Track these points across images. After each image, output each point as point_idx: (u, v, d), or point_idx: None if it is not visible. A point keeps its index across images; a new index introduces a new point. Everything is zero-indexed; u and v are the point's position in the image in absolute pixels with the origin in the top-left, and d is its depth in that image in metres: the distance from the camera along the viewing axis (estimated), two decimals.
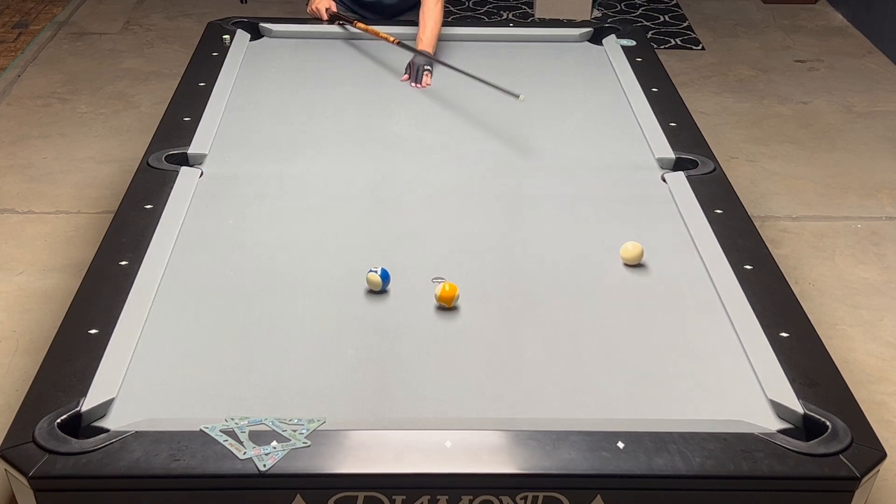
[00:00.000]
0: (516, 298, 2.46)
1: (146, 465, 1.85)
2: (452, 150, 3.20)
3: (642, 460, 1.89)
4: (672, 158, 3.09)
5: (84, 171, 4.54)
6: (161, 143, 3.10)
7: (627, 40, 3.99)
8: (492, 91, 3.36)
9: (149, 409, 2.02)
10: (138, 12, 6.50)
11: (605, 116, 3.45)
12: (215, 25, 4.06)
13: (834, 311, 3.67)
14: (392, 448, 1.92)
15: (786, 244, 4.08)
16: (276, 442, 1.91)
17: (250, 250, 2.63)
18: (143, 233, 2.61)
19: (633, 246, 2.56)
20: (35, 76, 5.52)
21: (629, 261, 2.56)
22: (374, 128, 3.34)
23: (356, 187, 2.95)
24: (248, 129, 3.28)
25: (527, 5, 6.71)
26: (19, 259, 3.87)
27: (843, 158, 3.91)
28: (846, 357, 3.35)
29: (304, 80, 3.68)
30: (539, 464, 1.89)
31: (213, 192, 2.89)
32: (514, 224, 2.79)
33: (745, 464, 1.89)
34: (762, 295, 2.42)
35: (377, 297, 2.42)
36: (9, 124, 4.97)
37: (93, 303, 2.33)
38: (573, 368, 2.21)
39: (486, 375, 2.18)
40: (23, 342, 3.39)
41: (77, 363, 2.12)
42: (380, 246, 2.65)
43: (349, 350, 2.25)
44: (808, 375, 2.14)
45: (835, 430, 1.96)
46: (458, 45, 4.01)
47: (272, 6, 6.58)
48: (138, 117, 5.06)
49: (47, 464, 1.85)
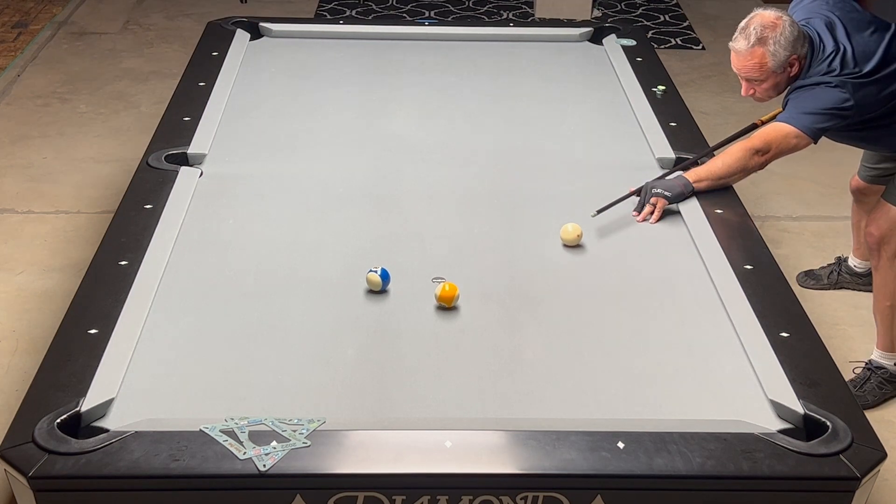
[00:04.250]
0: (516, 298, 2.46)
1: (146, 465, 1.85)
2: (452, 150, 3.20)
3: (642, 460, 1.89)
4: (672, 158, 3.08)
5: (84, 170, 4.54)
6: (161, 142, 3.10)
7: (627, 40, 3.99)
8: (492, 91, 3.35)
9: (149, 409, 2.02)
10: (138, 12, 6.49)
11: (605, 116, 3.45)
12: (215, 25, 4.06)
13: (834, 311, 3.67)
14: (392, 448, 1.92)
15: (786, 244, 4.08)
16: (276, 442, 1.91)
17: (250, 250, 2.62)
18: (143, 233, 2.61)
19: (573, 227, 2.64)
20: (35, 76, 5.52)
21: (568, 242, 2.65)
22: (374, 128, 3.34)
23: (356, 187, 2.95)
24: (248, 129, 3.28)
25: (527, 5, 6.70)
26: (19, 259, 3.86)
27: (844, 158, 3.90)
28: (846, 357, 3.35)
29: (303, 80, 3.67)
30: (539, 464, 1.89)
31: (213, 192, 2.89)
32: (514, 224, 2.79)
33: (746, 464, 1.89)
34: (762, 295, 2.42)
35: (377, 297, 2.42)
36: (8, 124, 4.96)
37: (92, 303, 2.33)
38: (573, 368, 2.21)
39: (486, 375, 2.18)
40: (23, 342, 3.39)
41: (77, 363, 2.12)
42: (380, 246, 2.64)
43: (349, 350, 2.25)
44: (808, 375, 2.14)
45: (835, 430, 1.96)
46: (459, 45, 4.00)
47: (272, 6, 6.57)
48: (138, 117, 5.05)
49: (47, 464, 1.84)
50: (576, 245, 2.65)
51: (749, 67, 2.84)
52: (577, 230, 2.65)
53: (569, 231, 2.65)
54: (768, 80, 2.85)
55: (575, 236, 2.65)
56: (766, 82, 2.86)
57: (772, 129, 2.87)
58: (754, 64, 2.82)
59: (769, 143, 2.84)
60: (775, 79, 2.85)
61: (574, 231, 2.65)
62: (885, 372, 3.20)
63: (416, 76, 3.72)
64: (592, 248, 2.67)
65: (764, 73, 2.83)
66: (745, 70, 2.86)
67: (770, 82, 2.87)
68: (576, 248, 2.66)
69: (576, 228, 2.65)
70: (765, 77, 2.84)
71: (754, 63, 2.82)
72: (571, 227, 2.66)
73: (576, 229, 2.65)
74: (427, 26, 4.40)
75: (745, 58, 2.84)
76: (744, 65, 2.85)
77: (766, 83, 2.86)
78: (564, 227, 2.66)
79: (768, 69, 2.82)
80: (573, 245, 2.65)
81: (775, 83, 2.87)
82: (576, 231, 2.65)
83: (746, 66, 2.84)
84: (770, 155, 2.86)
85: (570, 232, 2.65)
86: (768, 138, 2.85)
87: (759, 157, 2.85)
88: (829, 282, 3.78)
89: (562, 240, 2.66)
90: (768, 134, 2.86)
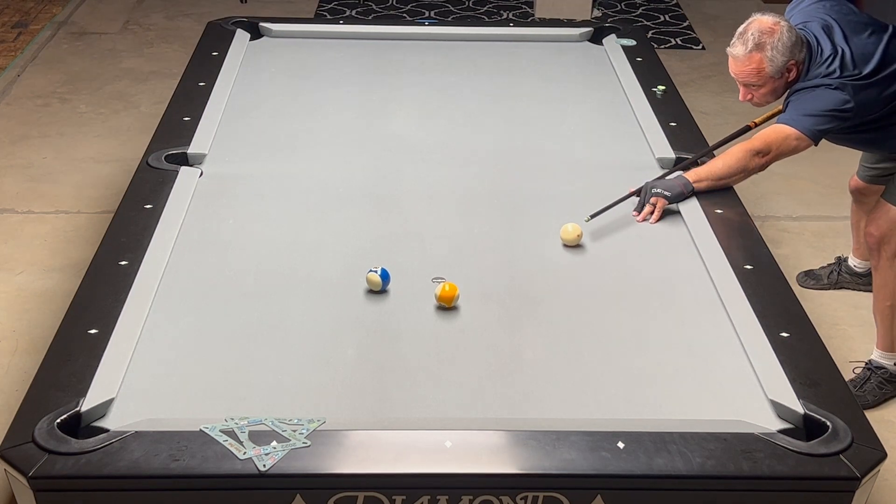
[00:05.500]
0: (516, 298, 2.46)
1: (146, 465, 1.85)
2: (452, 150, 3.20)
3: (642, 460, 1.89)
4: (672, 158, 3.08)
5: (84, 170, 4.53)
6: (161, 142, 3.10)
7: (627, 40, 3.99)
8: (492, 91, 3.34)
9: (149, 409, 2.02)
10: (138, 12, 6.49)
11: (605, 116, 3.45)
12: (215, 25, 4.06)
13: (834, 311, 3.67)
14: (392, 448, 1.92)
15: (786, 244, 4.08)
16: (276, 442, 1.91)
17: (250, 250, 2.62)
18: (143, 233, 2.61)
19: (573, 227, 2.65)
20: (35, 76, 5.52)
21: (568, 242, 2.65)
22: (374, 128, 3.34)
23: (356, 187, 2.95)
24: (248, 129, 3.28)
25: (527, 5, 6.70)
26: (19, 259, 3.86)
27: (843, 158, 3.90)
28: (846, 357, 3.35)
29: (303, 80, 3.67)
30: (539, 464, 1.89)
31: (213, 191, 2.89)
32: (514, 224, 2.79)
33: (746, 464, 1.89)
34: (762, 295, 2.42)
35: (377, 297, 2.42)
36: (8, 124, 4.96)
37: (92, 303, 2.33)
38: (573, 368, 2.21)
39: (486, 375, 2.18)
40: (23, 342, 3.39)
41: (77, 363, 2.12)
42: (380, 246, 2.64)
43: (349, 350, 2.25)
44: (808, 375, 2.14)
45: (835, 430, 1.96)
46: (459, 45, 4.00)
47: (272, 6, 6.57)
48: (138, 117, 5.05)
49: (47, 464, 1.84)
50: (576, 245, 2.65)
51: (746, 73, 2.84)
52: (577, 230, 2.65)
53: (569, 231, 2.65)
54: (766, 85, 2.86)
55: (575, 236, 2.65)
56: (763, 87, 2.86)
57: (772, 130, 2.87)
58: (752, 69, 2.83)
59: (769, 144, 2.84)
60: (773, 84, 2.85)
61: (574, 231, 2.65)
62: (885, 372, 3.20)
63: (416, 76, 3.72)
64: (592, 248, 2.67)
65: (761, 78, 2.84)
66: (742, 75, 2.86)
67: (768, 87, 2.87)
68: (576, 248, 2.66)
69: (576, 228, 2.65)
70: (762, 82, 2.85)
71: (752, 69, 2.82)
72: (571, 227, 2.66)
73: (576, 229, 2.65)
74: (427, 26, 4.40)
75: (742, 63, 2.84)
76: (741, 70, 2.85)
77: (763, 88, 2.87)
78: (564, 227, 2.66)
79: (766, 75, 2.82)
80: (573, 245, 2.65)
81: (773, 88, 2.87)
82: (576, 231, 2.65)
83: (744, 72, 2.85)
84: (770, 156, 2.86)
85: (570, 232, 2.65)
86: (769, 140, 2.85)
87: (759, 159, 2.85)
88: (829, 282, 3.78)
89: (562, 240, 2.66)
90: (769, 135, 2.86)
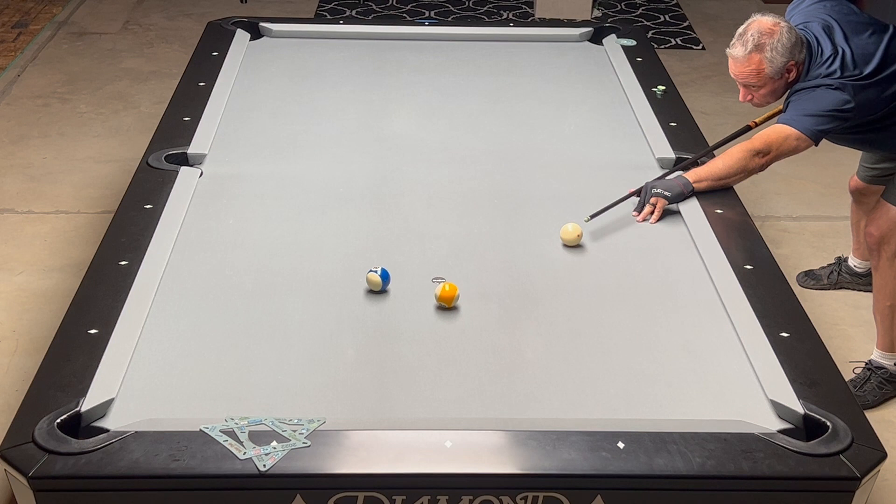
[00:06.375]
0: (516, 298, 2.45)
1: (146, 466, 1.85)
2: (452, 150, 3.20)
3: (642, 460, 1.89)
4: (672, 158, 3.08)
5: (84, 170, 4.53)
6: (161, 142, 3.10)
7: (627, 40, 3.99)
8: (492, 91, 3.34)
9: (149, 409, 2.02)
10: (138, 12, 6.49)
11: (605, 116, 3.45)
12: (215, 25, 4.06)
13: (834, 311, 3.67)
14: (392, 448, 1.92)
15: (786, 244, 4.08)
16: (276, 442, 1.91)
17: (250, 250, 2.62)
18: (143, 233, 2.61)
19: (573, 227, 2.65)
20: (35, 76, 5.52)
21: (568, 242, 2.65)
22: (374, 128, 3.34)
23: (356, 187, 2.95)
24: (248, 129, 3.28)
25: (527, 5, 6.70)
26: (19, 259, 3.86)
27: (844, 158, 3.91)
28: (846, 357, 3.35)
29: (304, 80, 3.67)
30: (539, 464, 1.89)
31: (213, 192, 2.89)
32: (514, 224, 2.79)
33: (746, 464, 1.89)
34: (762, 295, 2.42)
35: (377, 297, 2.42)
36: (8, 124, 4.96)
37: (92, 303, 2.33)
38: (573, 368, 2.21)
39: (486, 375, 2.18)
40: (23, 342, 3.39)
41: (77, 363, 2.12)
42: (380, 246, 2.65)
43: (349, 350, 2.25)
44: (808, 375, 2.14)
45: (835, 430, 1.96)
46: (459, 45, 4.00)
47: (272, 6, 6.57)
48: (138, 117, 5.05)
49: (47, 464, 1.84)
50: (576, 245, 2.65)
51: (746, 74, 2.84)
52: (577, 230, 2.65)
53: (569, 231, 2.65)
54: (766, 86, 2.85)
55: (575, 236, 2.65)
56: (763, 88, 2.86)
57: (773, 130, 2.87)
58: (751, 70, 2.82)
59: (770, 144, 2.84)
60: (773, 85, 2.85)
61: (574, 231, 2.65)
62: (885, 372, 3.20)
63: (416, 76, 3.72)
64: (592, 248, 2.67)
65: (761, 79, 2.83)
66: (742, 76, 2.86)
67: (767, 88, 2.87)
68: (576, 248, 2.66)
69: (576, 228, 2.65)
70: (762, 83, 2.85)
71: (751, 69, 2.82)
72: (571, 227, 2.66)
73: (576, 229, 2.65)
74: (427, 26, 4.40)
75: (742, 64, 2.84)
76: (741, 71, 2.85)
77: (763, 89, 2.86)
78: (564, 227, 2.66)
79: (765, 75, 2.82)
80: (573, 245, 2.65)
81: (773, 89, 2.87)
82: (576, 231, 2.65)
83: (744, 73, 2.85)
84: (771, 157, 2.86)
85: (570, 232, 2.65)
86: (769, 140, 2.85)
87: (759, 159, 2.85)
88: (829, 282, 3.78)
89: (562, 240, 2.66)
90: (769, 136, 2.86)
